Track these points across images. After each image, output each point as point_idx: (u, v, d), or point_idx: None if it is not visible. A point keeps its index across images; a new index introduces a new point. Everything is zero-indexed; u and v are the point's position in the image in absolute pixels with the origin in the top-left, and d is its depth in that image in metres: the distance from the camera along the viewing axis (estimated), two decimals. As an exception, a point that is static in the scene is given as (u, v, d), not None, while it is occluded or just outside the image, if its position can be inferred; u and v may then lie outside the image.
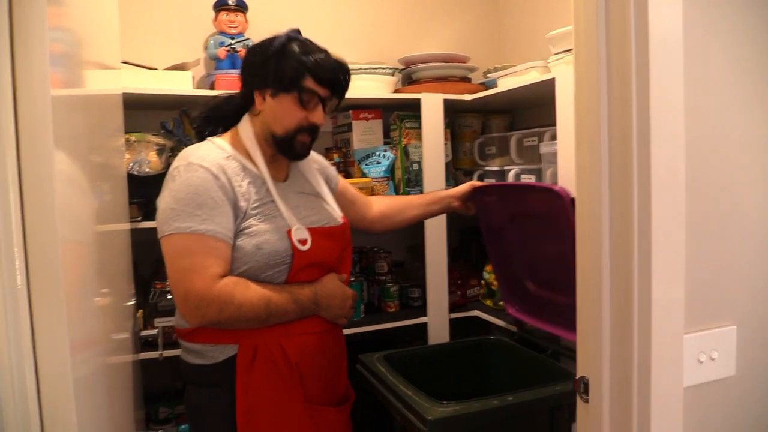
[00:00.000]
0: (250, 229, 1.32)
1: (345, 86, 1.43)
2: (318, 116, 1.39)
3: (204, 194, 1.28)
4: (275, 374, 1.34)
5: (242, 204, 1.33)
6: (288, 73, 1.36)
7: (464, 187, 1.79)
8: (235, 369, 1.32)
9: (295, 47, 1.37)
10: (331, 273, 1.45)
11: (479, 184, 1.78)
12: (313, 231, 1.39)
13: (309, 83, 1.36)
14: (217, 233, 1.28)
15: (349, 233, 1.55)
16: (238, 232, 1.32)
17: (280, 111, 1.38)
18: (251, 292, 1.29)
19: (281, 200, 1.38)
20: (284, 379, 1.35)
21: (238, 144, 1.41)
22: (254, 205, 1.35)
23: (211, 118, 1.49)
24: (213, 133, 1.47)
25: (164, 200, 1.32)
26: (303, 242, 1.36)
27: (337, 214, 1.54)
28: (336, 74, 1.39)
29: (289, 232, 1.35)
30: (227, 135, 1.45)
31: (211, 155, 1.34)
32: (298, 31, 1.43)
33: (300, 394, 1.36)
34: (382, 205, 1.80)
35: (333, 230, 1.48)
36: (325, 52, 1.40)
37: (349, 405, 1.52)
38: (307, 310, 1.37)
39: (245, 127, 1.42)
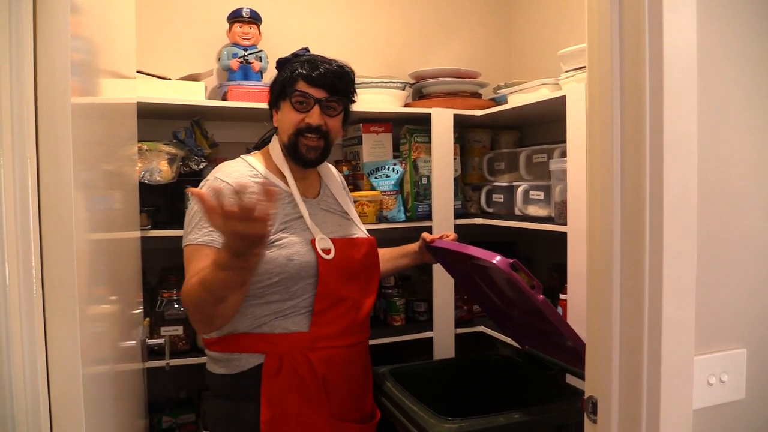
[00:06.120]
0: (281, 242, 1.35)
1: (340, 85, 1.44)
2: (313, 117, 1.41)
3: None
4: (301, 386, 1.34)
5: None
6: (284, 82, 1.43)
7: (420, 241, 1.71)
8: (260, 379, 1.33)
9: (293, 59, 1.45)
10: None
11: (430, 238, 1.67)
12: (337, 241, 1.42)
13: (300, 86, 1.41)
14: (218, 243, 1.27)
15: (376, 252, 1.56)
16: (269, 245, 1.31)
17: (282, 119, 1.45)
18: (192, 280, 1.23)
19: (309, 215, 1.42)
20: (309, 391, 1.34)
21: (269, 161, 1.47)
22: (283, 220, 1.38)
23: (266, 140, 1.57)
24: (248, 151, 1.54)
25: (187, 212, 1.39)
26: (327, 251, 1.38)
27: (362, 233, 1.56)
28: (326, 73, 1.41)
29: (312, 242, 1.37)
30: (260, 153, 1.51)
31: (237, 172, 1.40)
32: (306, 49, 1.51)
33: (325, 407, 1.36)
34: None
35: (357, 240, 1.50)
36: (323, 59, 1.44)
37: (374, 424, 1.51)
38: (223, 257, 1.13)
39: (274, 145, 1.49)
